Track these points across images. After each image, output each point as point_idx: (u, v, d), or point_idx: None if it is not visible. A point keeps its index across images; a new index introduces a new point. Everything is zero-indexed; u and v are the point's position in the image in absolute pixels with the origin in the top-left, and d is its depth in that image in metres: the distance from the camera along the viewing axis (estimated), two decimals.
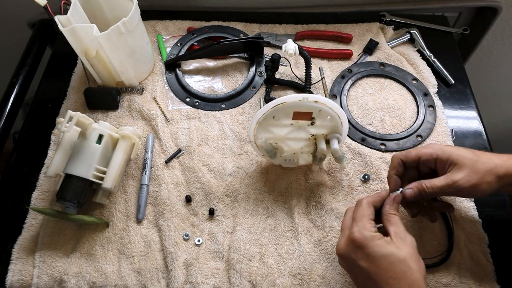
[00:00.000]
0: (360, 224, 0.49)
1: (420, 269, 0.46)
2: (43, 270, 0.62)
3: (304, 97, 0.56)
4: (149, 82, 0.82)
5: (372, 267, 0.47)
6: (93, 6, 0.76)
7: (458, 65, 0.83)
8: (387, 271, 0.46)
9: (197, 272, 0.61)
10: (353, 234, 0.49)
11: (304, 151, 0.65)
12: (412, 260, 0.46)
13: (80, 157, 0.63)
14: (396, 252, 0.46)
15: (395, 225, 0.50)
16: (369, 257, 0.47)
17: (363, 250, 0.48)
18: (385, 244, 0.47)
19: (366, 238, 0.48)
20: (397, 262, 0.46)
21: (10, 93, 0.82)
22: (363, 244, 0.48)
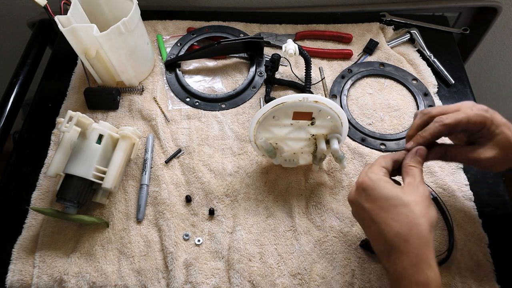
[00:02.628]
0: (369, 170, 0.49)
1: (424, 215, 0.44)
2: (43, 270, 0.62)
3: (304, 97, 0.56)
4: (149, 82, 0.82)
5: (374, 208, 0.45)
6: (93, 6, 0.76)
7: (458, 65, 0.83)
8: (389, 212, 0.44)
9: (197, 272, 0.61)
10: (361, 178, 0.48)
11: (304, 151, 0.65)
12: (417, 206, 0.44)
13: (80, 157, 0.63)
14: (400, 196, 0.45)
15: (412, 176, 0.48)
16: (373, 198, 0.46)
17: (367, 192, 0.47)
18: (390, 187, 0.46)
19: (372, 179, 0.47)
20: (399, 205, 0.44)
21: (10, 93, 0.82)
22: (368, 185, 0.47)
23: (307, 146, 0.64)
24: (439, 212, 0.65)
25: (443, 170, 0.69)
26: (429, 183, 0.67)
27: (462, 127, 0.51)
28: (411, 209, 0.44)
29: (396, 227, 0.43)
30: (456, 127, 0.51)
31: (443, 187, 0.67)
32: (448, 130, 0.51)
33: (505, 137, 0.51)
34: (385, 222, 0.44)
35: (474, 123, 0.50)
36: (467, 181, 0.68)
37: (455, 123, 0.51)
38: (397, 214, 0.44)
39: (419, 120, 0.54)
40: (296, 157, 0.66)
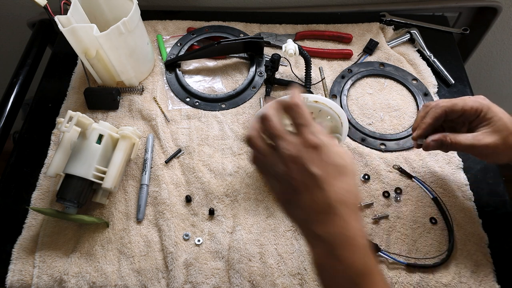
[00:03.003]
0: (313, 128, 0.44)
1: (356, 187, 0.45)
2: (43, 270, 0.62)
3: (304, 97, 0.56)
4: (149, 82, 0.82)
5: (323, 173, 0.42)
6: (93, 6, 0.76)
7: (458, 65, 0.83)
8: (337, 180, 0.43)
9: (197, 272, 0.61)
10: (309, 137, 0.43)
11: None
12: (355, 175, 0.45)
13: (80, 157, 0.63)
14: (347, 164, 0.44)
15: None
16: (323, 162, 0.43)
17: (318, 154, 0.43)
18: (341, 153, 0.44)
19: (324, 143, 0.43)
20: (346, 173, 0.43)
21: (10, 93, 0.82)
22: (321, 148, 0.43)
23: None
24: (439, 212, 0.65)
25: (443, 170, 0.69)
26: (429, 183, 0.67)
27: (459, 112, 0.54)
28: (353, 179, 0.44)
29: (341, 194, 0.42)
30: (453, 110, 0.54)
31: (443, 187, 0.67)
32: (446, 113, 0.55)
33: (504, 123, 0.52)
34: (332, 189, 0.42)
35: (471, 108, 0.53)
36: (467, 181, 0.68)
37: (452, 105, 0.54)
38: (344, 182, 0.43)
39: (422, 112, 0.58)
40: None
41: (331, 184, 0.42)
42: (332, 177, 0.43)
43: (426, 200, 0.66)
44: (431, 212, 0.65)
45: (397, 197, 0.67)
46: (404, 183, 0.68)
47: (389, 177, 0.69)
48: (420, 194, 0.67)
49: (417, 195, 0.67)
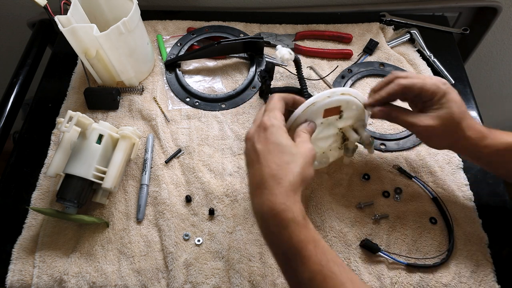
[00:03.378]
0: (271, 114, 0.50)
1: (303, 168, 0.47)
2: (43, 270, 0.62)
3: (332, 92, 0.55)
4: (149, 82, 0.82)
5: (264, 149, 0.48)
6: (93, 6, 0.76)
7: (458, 65, 0.83)
8: (274, 156, 0.47)
9: (197, 272, 0.61)
10: (263, 120, 0.50)
11: (332, 147, 0.64)
12: (302, 159, 0.47)
13: (80, 157, 0.63)
14: (291, 146, 0.48)
15: (302, 137, 0.51)
16: (267, 140, 0.48)
17: (265, 133, 0.49)
18: (286, 137, 0.49)
19: (273, 124, 0.49)
20: (287, 153, 0.47)
21: (10, 93, 0.82)
22: (268, 129, 0.49)
23: (335, 142, 0.63)
24: (439, 212, 0.65)
25: (443, 170, 0.69)
26: (429, 183, 0.67)
27: (416, 91, 0.55)
28: (295, 160, 0.47)
29: (274, 169, 0.46)
30: (410, 89, 0.55)
31: (443, 187, 0.67)
32: (403, 91, 0.55)
33: (450, 112, 0.53)
34: (268, 163, 0.47)
35: (427, 91, 0.54)
36: (467, 181, 0.68)
37: (410, 85, 0.55)
38: (280, 159, 0.47)
39: (386, 79, 0.58)
40: (326, 155, 0.64)
41: (267, 159, 0.47)
42: (270, 154, 0.47)
43: (426, 200, 0.66)
44: (431, 212, 0.65)
45: (397, 197, 0.67)
46: (404, 183, 0.68)
47: (389, 177, 0.69)
48: (420, 194, 0.67)
49: (417, 195, 0.67)
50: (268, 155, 0.48)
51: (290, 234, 0.44)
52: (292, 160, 0.47)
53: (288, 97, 0.54)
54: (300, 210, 0.45)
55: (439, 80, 0.54)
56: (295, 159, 0.47)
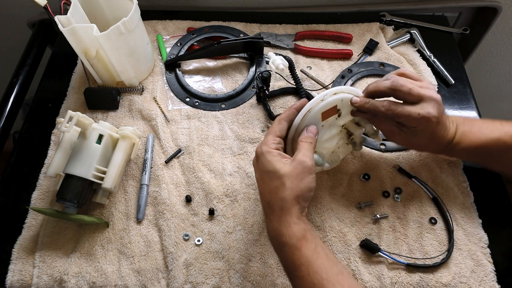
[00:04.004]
0: (265, 139, 0.54)
1: (294, 188, 0.49)
2: (43, 270, 0.62)
3: (325, 95, 0.56)
4: (149, 82, 0.82)
5: (259, 178, 0.53)
6: (93, 6, 0.76)
7: (458, 65, 0.83)
8: (266, 184, 0.51)
9: (197, 272, 0.61)
10: (256, 149, 0.54)
11: (340, 145, 0.64)
12: (289, 179, 0.49)
13: (80, 157, 0.63)
14: (277, 170, 0.50)
15: (299, 150, 0.53)
16: (260, 169, 0.53)
17: (258, 162, 0.53)
18: (274, 161, 0.51)
19: (262, 152, 0.52)
20: (275, 178, 0.50)
21: (10, 93, 0.82)
22: (259, 157, 0.53)
23: (341, 139, 0.64)
24: (439, 212, 0.65)
25: (443, 170, 0.69)
26: (429, 183, 0.67)
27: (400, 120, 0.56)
28: (282, 182, 0.49)
29: (267, 197, 0.51)
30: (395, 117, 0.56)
31: (443, 187, 0.67)
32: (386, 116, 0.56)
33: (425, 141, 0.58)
34: (262, 192, 0.52)
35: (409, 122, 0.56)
36: (467, 181, 0.68)
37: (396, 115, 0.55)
38: (270, 186, 0.51)
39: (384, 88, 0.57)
40: (336, 154, 0.65)
41: (262, 188, 0.52)
42: (263, 182, 0.52)
43: (426, 200, 0.66)
44: (431, 212, 0.65)
45: (397, 197, 0.67)
46: (404, 183, 0.68)
47: (389, 177, 0.69)
48: (420, 194, 0.67)
49: (417, 195, 0.67)
50: (262, 184, 0.52)
51: (285, 256, 0.49)
52: (280, 185, 0.49)
53: (289, 113, 0.56)
54: (293, 233, 0.48)
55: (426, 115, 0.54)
56: (283, 182, 0.49)
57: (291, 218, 0.49)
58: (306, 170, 0.50)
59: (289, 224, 0.49)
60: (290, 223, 0.49)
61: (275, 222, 0.50)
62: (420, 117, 0.54)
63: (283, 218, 0.49)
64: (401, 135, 0.59)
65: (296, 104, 0.57)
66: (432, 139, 0.57)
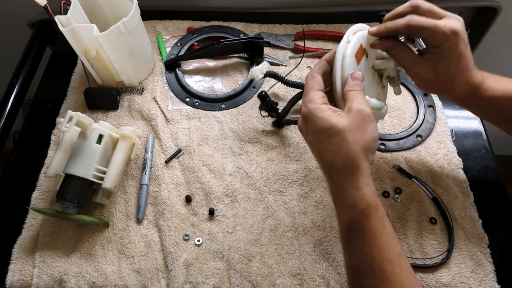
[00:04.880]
0: (306, 97, 0.48)
1: (358, 141, 0.44)
2: (43, 270, 0.62)
3: (348, 36, 0.52)
4: (149, 82, 0.82)
5: (313, 140, 0.47)
6: (93, 6, 0.76)
7: None
8: (325, 143, 0.46)
9: (197, 272, 0.61)
10: (302, 109, 0.49)
11: (379, 91, 0.59)
12: (350, 132, 0.44)
13: (80, 157, 0.63)
14: (334, 125, 0.45)
15: (350, 100, 0.47)
16: (312, 129, 0.47)
17: (308, 124, 0.47)
18: (327, 117, 0.46)
19: (310, 111, 0.47)
20: (334, 134, 0.45)
21: (10, 93, 0.82)
22: (308, 117, 0.47)
23: (377, 84, 0.59)
24: (439, 212, 0.65)
25: (443, 170, 0.69)
26: (429, 183, 0.67)
27: (423, 35, 0.51)
28: (344, 137, 0.44)
29: (329, 157, 0.45)
30: (417, 32, 0.50)
31: (443, 187, 0.67)
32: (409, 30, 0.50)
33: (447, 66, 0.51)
34: (322, 152, 0.46)
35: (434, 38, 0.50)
36: (467, 181, 0.68)
37: (419, 28, 0.49)
38: (330, 144, 0.45)
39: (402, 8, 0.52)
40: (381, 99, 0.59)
41: (320, 149, 0.47)
42: (320, 142, 0.46)
43: (426, 200, 0.66)
44: (431, 212, 0.65)
45: (397, 197, 0.67)
46: (404, 183, 0.68)
47: (389, 177, 0.69)
48: (420, 194, 0.67)
49: (417, 195, 0.67)
50: (320, 145, 0.46)
51: (349, 220, 0.44)
52: (341, 141, 0.44)
53: (320, 65, 0.51)
54: (364, 196, 0.43)
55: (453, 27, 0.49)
56: (344, 137, 0.44)
57: (362, 178, 0.44)
58: (367, 118, 0.45)
59: (359, 184, 0.44)
60: (360, 184, 0.44)
61: (343, 182, 0.44)
62: (447, 29, 0.48)
63: (353, 177, 0.44)
64: (426, 64, 0.52)
65: (325, 56, 0.51)
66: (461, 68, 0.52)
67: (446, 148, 0.71)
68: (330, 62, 0.51)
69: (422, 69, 0.52)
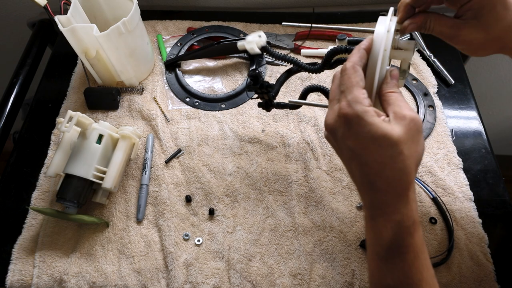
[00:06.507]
0: (350, 96, 0.41)
1: (413, 155, 0.40)
2: (43, 270, 0.62)
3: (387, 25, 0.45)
4: (149, 82, 0.82)
5: (358, 147, 0.41)
6: (93, 6, 0.76)
7: (458, 65, 0.83)
8: (374, 154, 0.40)
9: (197, 272, 0.61)
10: (343, 108, 0.41)
11: None
12: (406, 145, 0.39)
13: (80, 157, 0.63)
14: (388, 134, 0.39)
15: (394, 103, 0.42)
16: (358, 136, 0.40)
17: (352, 128, 0.40)
18: (379, 123, 0.39)
19: (357, 114, 0.40)
20: (387, 146, 0.39)
21: (10, 93, 0.82)
22: (353, 121, 0.40)
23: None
24: (439, 212, 0.65)
25: (443, 170, 0.69)
26: (429, 183, 0.67)
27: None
28: (399, 150, 0.39)
29: (377, 168, 0.40)
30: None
31: (443, 187, 0.67)
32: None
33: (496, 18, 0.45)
34: (367, 162, 0.40)
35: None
36: (467, 181, 0.68)
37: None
38: (381, 156, 0.39)
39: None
40: None
41: (366, 158, 0.40)
42: (367, 151, 0.40)
43: (426, 200, 0.66)
44: (431, 212, 0.65)
45: None
46: None
47: None
48: (420, 194, 0.67)
49: (417, 195, 0.67)
50: (365, 154, 0.40)
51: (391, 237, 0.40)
52: (396, 153, 0.39)
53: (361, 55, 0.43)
54: (412, 213, 0.40)
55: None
56: (400, 150, 0.39)
57: (411, 194, 0.40)
58: (420, 128, 0.41)
59: (409, 201, 0.40)
60: (409, 200, 0.40)
61: (390, 196, 0.40)
62: None
63: (404, 192, 0.39)
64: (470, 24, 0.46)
65: (364, 44, 0.44)
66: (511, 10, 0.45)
67: (446, 148, 0.71)
68: (369, 52, 0.44)
69: (468, 30, 0.46)
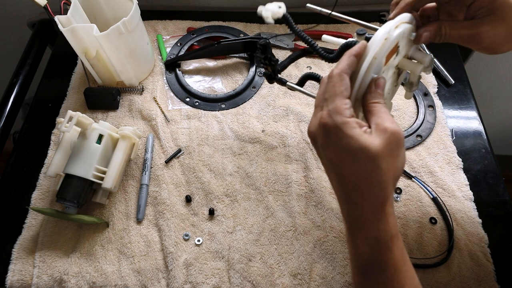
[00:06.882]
0: (331, 106, 0.39)
1: (390, 169, 0.38)
2: (43, 270, 0.62)
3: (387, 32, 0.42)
4: (149, 82, 0.82)
5: (336, 159, 0.40)
6: (93, 6, 0.76)
7: (458, 65, 0.83)
8: (350, 167, 0.39)
9: (197, 272, 0.61)
10: (323, 118, 0.40)
11: (389, 90, 0.52)
12: (384, 160, 0.37)
13: (80, 157, 0.63)
14: (367, 148, 0.37)
15: (377, 114, 0.40)
16: (336, 148, 0.39)
17: (330, 139, 0.39)
18: (357, 136, 0.38)
19: (336, 125, 0.38)
20: (365, 159, 0.37)
21: (10, 93, 0.82)
22: (332, 132, 0.39)
23: (392, 81, 0.51)
24: (439, 212, 0.65)
25: (443, 170, 0.69)
26: (429, 183, 0.67)
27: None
28: (376, 165, 0.37)
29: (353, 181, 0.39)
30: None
31: (443, 187, 0.67)
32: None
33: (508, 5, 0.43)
34: (344, 174, 0.39)
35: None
36: (467, 181, 0.68)
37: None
38: (358, 170, 0.38)
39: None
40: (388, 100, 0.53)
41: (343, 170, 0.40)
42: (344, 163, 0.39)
43: (426, 200, 0.66)
44: (431, 212, 0.65)
45: (397, 197, 0.67)
46: (404, 183, 0.68)
47: None
48: (420, 194, 0.67)
49: (417, 195, 0.67)
50: (342, 166, 0.39)
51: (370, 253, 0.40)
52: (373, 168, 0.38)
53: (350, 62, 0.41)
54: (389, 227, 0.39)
55: None
56: (377, 165, 0.37)
57: (389, 208, 0.39)
58: (401, 142, 0.39)
59: (385, 216, 0.39)
60: (386, 214, 0.39)
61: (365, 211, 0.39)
62: None
63: (380, 208, 0.39)
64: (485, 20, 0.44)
65: (355, 50, 0.42)
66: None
67: (446, 148, 0.71)
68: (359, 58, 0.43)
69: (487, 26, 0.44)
